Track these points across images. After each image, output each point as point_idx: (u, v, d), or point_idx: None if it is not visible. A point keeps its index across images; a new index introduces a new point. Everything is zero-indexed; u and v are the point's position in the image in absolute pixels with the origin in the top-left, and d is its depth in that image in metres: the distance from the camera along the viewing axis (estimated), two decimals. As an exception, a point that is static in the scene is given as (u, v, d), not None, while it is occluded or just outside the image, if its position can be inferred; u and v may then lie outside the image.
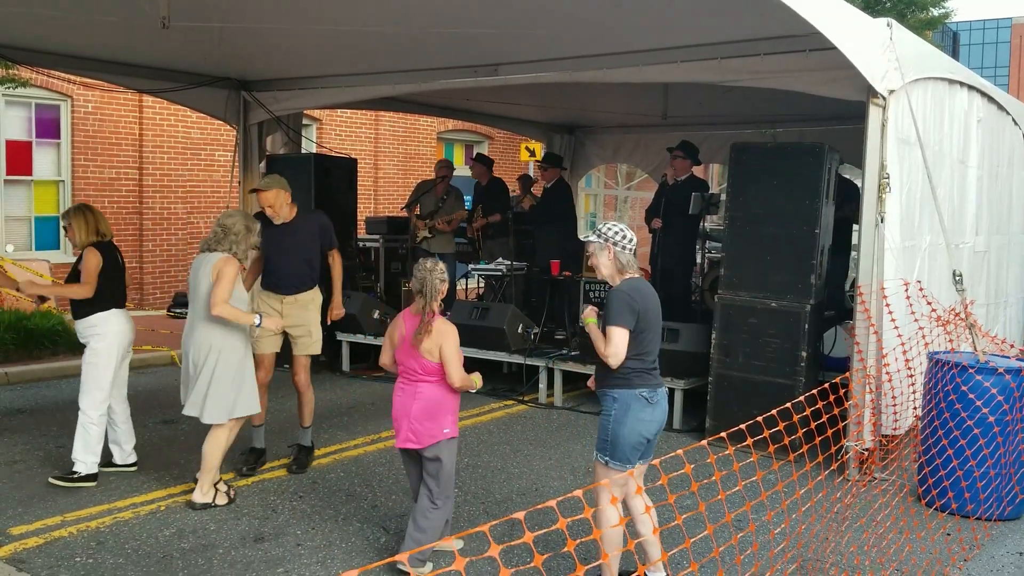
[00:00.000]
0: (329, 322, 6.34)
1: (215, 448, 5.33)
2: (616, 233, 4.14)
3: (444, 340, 4.40)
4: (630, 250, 4.13)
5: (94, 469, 5.68)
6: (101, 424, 5.68)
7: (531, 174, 14.05)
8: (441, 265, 4.54)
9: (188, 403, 5.32)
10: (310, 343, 6.10)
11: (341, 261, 6.35)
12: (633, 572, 4.17)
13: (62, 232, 6.46)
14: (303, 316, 6.05)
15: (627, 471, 4.02)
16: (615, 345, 4.02)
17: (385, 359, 4.68)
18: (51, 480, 5.63)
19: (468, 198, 11.78)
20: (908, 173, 6.29)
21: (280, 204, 5.94)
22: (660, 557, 4.08)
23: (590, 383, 4.39)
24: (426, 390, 4.44)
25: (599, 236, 4.15)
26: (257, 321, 5.29)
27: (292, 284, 6.05)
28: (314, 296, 6.13)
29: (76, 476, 5.63)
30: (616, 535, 4.00)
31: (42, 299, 6.30)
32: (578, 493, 2.61)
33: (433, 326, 4.41)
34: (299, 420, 6.23)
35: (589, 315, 4.15)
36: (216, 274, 5.17)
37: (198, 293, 5.26)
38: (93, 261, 5.61)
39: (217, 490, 5.38)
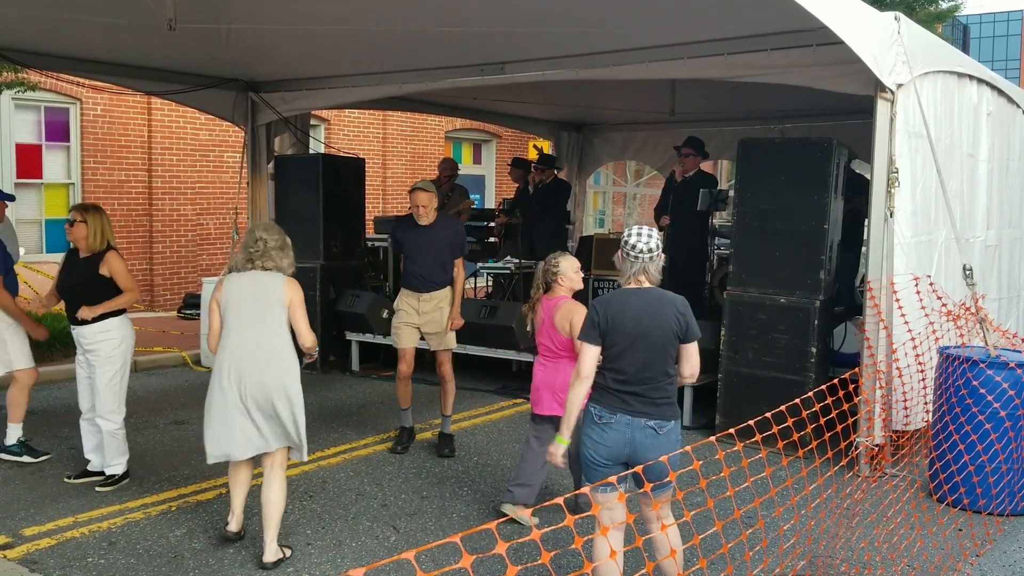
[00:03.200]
0: (450, 329, 6.58)
1: (283, 493, 4.63)
2: (628, 237, 3.83)
3: (573, 316, 4.88)
4: (635, 258, 3.80)
5: (126, 466, 5.79)
6: (124, 426, 5.74)
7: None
8: (558, 259, 5.12)
9: (276, 442, 4.55)
10: (445, 339, 6.53)
11: (464, 270, 6.74)
12: None
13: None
14: (437, 315, 6.48)
15: (608, 495, 3.67)
16: (578, 358, 3.84)
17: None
18: (98, 489, 5.65)
19: (476, 196, 11.80)
20: (922, 167, 6.25)
21: (431, 207, 6.37)
22: None
23: None
24: (567, 365, 4.91)
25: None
26: (317, 351, 4.84)
27: (427, 284, 6.46)
28: (446, 295, 6.53)
29: (116, 478, 5.72)
30: (606, 570, 3.66)
31: None
32: (585, 490, 2.61)
33: (561, 304, 5.02)
34: (441, 409, 6.66)
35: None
36: (289, 302, 4.54)
37: (253, 316, 4.52)
38: (123, 264, 5.66)
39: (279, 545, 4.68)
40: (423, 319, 6.46)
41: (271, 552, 4.58)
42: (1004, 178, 8.20)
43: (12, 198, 6.65)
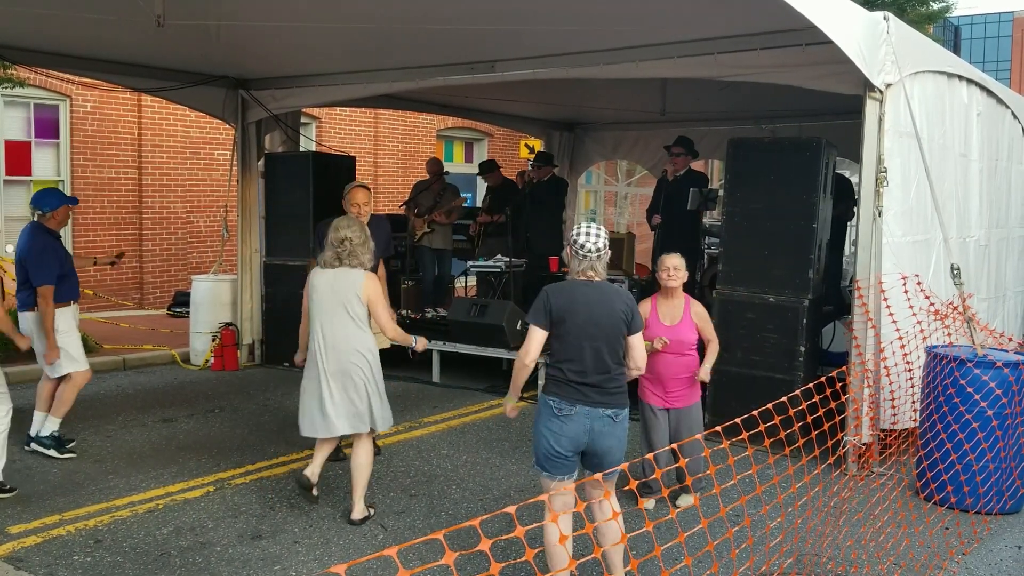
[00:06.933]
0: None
1: (370, 460, 5.21)
2: (578, 236, 3.96)
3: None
4: (582, 256, 3.93)
5: None
6: None
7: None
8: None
9: (358, 420, 5.09)
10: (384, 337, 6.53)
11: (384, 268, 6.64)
12: None
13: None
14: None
15: (555, 484, 3.84)
16: (525, 341, 3.96)
17: None
18: None
19: (467, 195, 11.84)
20: (915, 167, 6.27)
21: (370, 205, 6.28)
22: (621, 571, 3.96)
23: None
24: (691, 361, 5.33)
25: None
26: (413, 342, 5.43)
27: None
28: None
29: None
30: (557, 554, 3.78)
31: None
32: (570, 487, 2.61)
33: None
34: None
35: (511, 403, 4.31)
36: (368, 297, 5.07)
37: (337, 309, 5.05)
38: None
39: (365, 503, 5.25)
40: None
41: (357, 511, 5.16)
42: (993, 178, 8.23)
43: (75, 201, 6.60)
